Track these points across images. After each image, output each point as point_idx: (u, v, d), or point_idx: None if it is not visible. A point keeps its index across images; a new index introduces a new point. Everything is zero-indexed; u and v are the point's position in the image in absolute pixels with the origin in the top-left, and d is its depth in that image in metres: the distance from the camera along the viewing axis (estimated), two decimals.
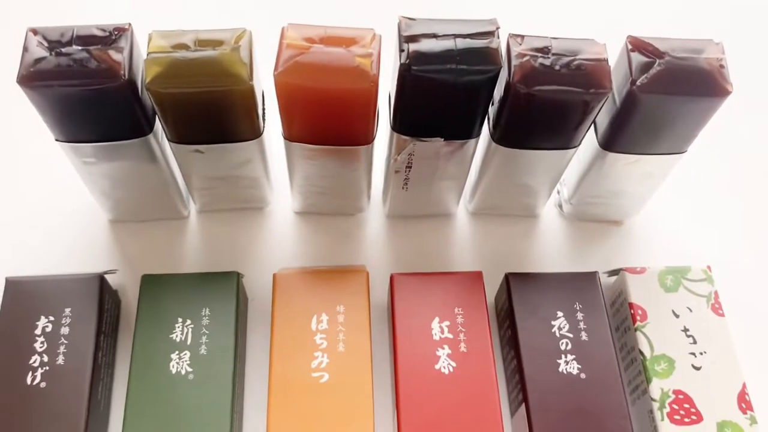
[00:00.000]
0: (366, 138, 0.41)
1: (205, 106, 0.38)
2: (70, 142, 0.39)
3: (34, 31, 0.36)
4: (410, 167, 0.43)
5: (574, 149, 0.42)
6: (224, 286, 0.42)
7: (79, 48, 0.36)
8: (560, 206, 0.50)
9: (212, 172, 0.44)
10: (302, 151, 0.42)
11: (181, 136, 0.40)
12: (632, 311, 0.43)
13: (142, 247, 0.47)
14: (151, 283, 0.42)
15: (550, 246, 0.49)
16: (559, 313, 0.42)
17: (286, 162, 0.44)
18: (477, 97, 0.38)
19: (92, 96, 0.36)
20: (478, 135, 0.41)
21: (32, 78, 0.35)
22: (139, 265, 0.47)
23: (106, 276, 0.43)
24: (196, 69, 0.36)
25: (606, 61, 0.38)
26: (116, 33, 0.36)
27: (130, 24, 0.37)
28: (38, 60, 0.35)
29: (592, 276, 0.44)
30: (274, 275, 0.42)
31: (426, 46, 0.37)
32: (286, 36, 0.37)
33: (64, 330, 0.40)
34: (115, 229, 0.48)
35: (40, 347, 0.39)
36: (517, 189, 0.47)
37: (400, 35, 0.38)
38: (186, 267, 0.47)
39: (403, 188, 0.46)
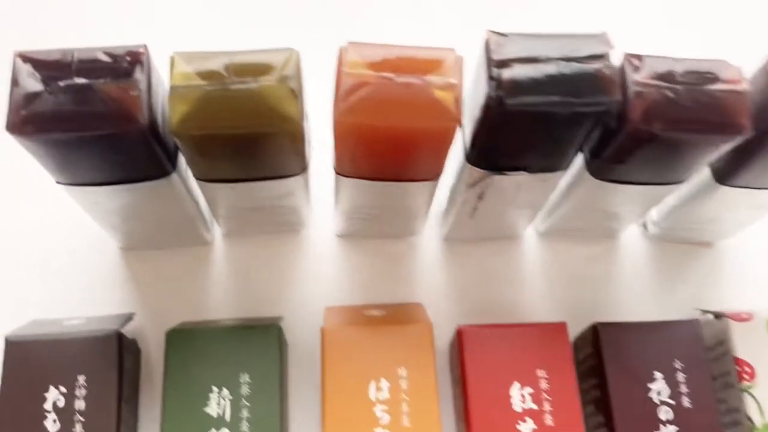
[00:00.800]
0: (435, 174, 0.34)
1: (244, 147, 0.30)
2: (75, 186, 0.32)
3: (24, 57, 0.28)
4: (482, 198, 0.36)
5: (683, 182, 0.35)
6: (264, 343, 0.36)
7: (84, 81, 0.28)
8: (645, 226, 0.43)
9: (245, 204, 0.36)
10: (357, 186, 0.34)
11: (210, 175, 0.33)
12: (738, 368, 0.37)
13: (160, 280, 0.41)
14: (178, 341, 0.36)
15: (633, 270, 0.42)
16: (657, 374, 0.36)
17: (332, 187, 0.37)
18: (580, 131, 0.31)
19: (103, 143, 0.28)
20: (569, 166, 0.34)
21: (26, 124, 0.27)
22: (158, 302, 0.40)
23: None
24: (235, 107, 0.28)
25: (744, 92, 0.30)
26: (129, 59, 0.28)
27: (145, 47, 0.29)
28: (31, 97, 0.28)
29: (692, 326, 0.37)
30: (323, 331, 0.36)
31: (523, 72, 0.29)
32: (345, 61, 0.29)
33: (79, 404, 0.34)
34: (127, 259, 0.41)
35: (53, 426, 0.33)
36: (603, 215, 0.40)
37: (488, 57, 0.30)
38: (213, 303, 0.40)
39: (470, 216, 0.39)
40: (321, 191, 0.39)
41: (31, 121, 0.27)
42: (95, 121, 0.28)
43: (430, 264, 0.42)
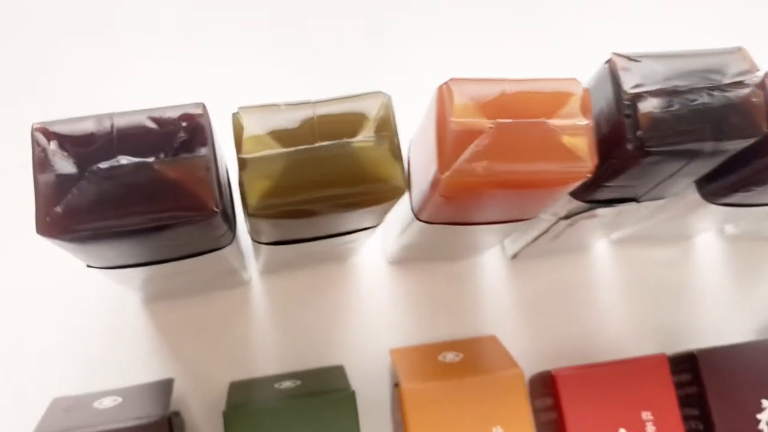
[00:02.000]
0: (537, 213, 0.29)
1: (330, 213, 0.25)
2: (112, 269, 0.26)
3: (46, 132, 0.22)
4: (573, 225, 0.32)
5: None
6: (340, 414, 0.31)
7: (133, 161, 0.21)
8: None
9: (303, 252, 0.31)
10: (438, 230, 0.29)
11: (278, 239, 0.27)
12: None
13: (194, 332, 0.35)
14: (238, 422, 0.30)
15: (713, 275, 0.39)
16: (766, 403, 0.33)
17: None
18: (714, 163, 0.27)
19: (158, 231, 0.22)
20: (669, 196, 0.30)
21: (63, 224, 0.21)
22: (195, 358, 0.35)
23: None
24: (325, 175, 0.23)
25: None
26: (186, 125, 0.22)
27: (203, 107, 0.22)
28: (65, 186, 0.21)
29: None
30: (401, 392, 0.31)
31: (662, 107, 0.24)
32: (451, 106, 0.23)
33: None
34: (152, 312, 0.35)
35: None
36: (686, 226, 0.36)
37: (617, 87, 0.25)
38: (258, 353, 0.35)
39: (551, 240, 0.34)
40: None
41: (69, 219, 0.21)
42: (152, 213, 0.21)
43: (495, 287, 0.37)
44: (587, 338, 0.37)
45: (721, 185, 0.29)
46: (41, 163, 0.21)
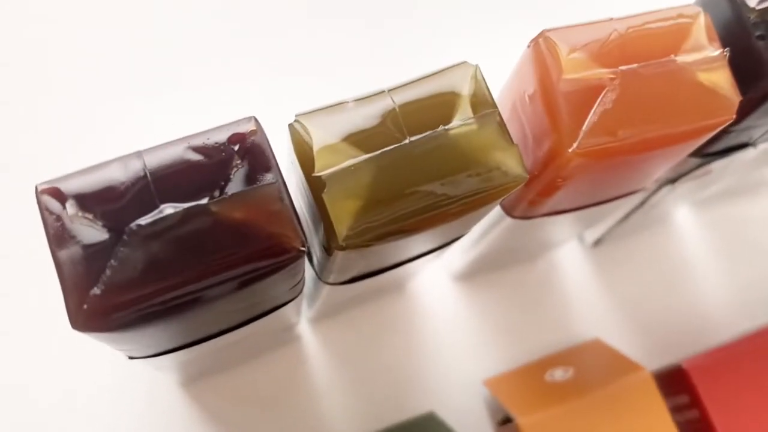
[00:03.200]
0: (654, 178, 0.24)
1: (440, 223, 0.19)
2: (162, 355, 0.20)
3: (55, 192, 0.16)
4: (675, 190, 0.27)
5: None
6: None
7: (181, 207, 0.16)
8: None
9: (370, 285, 0.25)
10: (536, 225, 0.24)
11: (355, 274, 0.22)
12: None
13: (249, 409, 0.29)
14: None
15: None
16: None
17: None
18: None
19: (234, 293, 0.17)
20: None
21: (106, 310, 0.15)
22: None
23: None
24: (430, 178, 0.17)
25: None
26: (238, 148, 0.17)
27: (255, 120, 0.17)
28: (96, 258, 0.15)
29: None
30: (519, 427, 0.26)
31: None
32: (558, 60, 0.18)
33: None
34: (193, 395, 0.29)
35: None
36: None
37: (737, 7, 0.20)
38: (329, 418, 0.29)
39: (644, 215, 0.29)
40: None
41: (113, 302, 0.15)
42: (223, 268, 0.16)
43: (581, 282, 0.32)
44: (696, 319, 0.32)
45: None
46: (59, 236, 0.16)
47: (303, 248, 0.16)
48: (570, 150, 0.18)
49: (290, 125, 0.18)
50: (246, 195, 0.16)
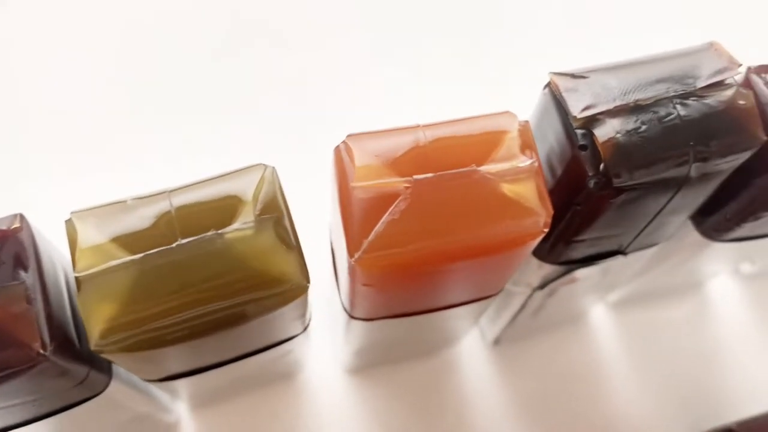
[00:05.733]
0: (497, 288, 0.23)
1: (211, 331, 0.19)
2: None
3: None
4: (553, 294, 0.26)
5: None
6: None
7: None
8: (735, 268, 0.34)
9: (226, 380, 0.25)
10: (382, 326, 0.23)
11: (163, 374, 0.21)
12: None
13: None
14: None
15: (737, 326, 0.32)
16: None
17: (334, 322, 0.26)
18: (707, 190, 0.21)
19: None
20: (673, 234, 0.24)
21: None
22: None
23: None
24: (196, 284, 0.17)
25: None
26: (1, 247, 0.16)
27: (21, 217, 0.17)
28: None
29: None
30: None
31: (625, 128, 0.19)
32: (352, 169, 0.18)
33: None
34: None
35: None
36: (692, 273, 0.30)
37: (562, 114, 0.19)
38: None
39: (532, 317, 0.28)
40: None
41: None
42: None
43: (481, 383, 0.31)
44: (601, 426, 0.30)
45: (722, 217, 0.23)
46: None
47: (45, 349, 0.16)
48: (352, 259, 0.18)
49: (66, 222, 0.17)
50: None
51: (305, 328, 0.22)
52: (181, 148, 0.34)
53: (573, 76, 0.20)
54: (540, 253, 0.23)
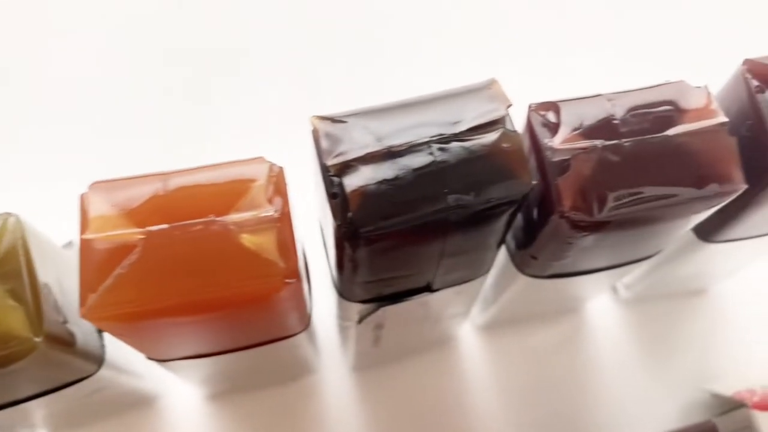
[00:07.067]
0: (300, 325, 0.22)
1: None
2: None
3: None
4: (382, 327, 0.25)
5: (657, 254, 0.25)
6: None
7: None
8: (614, 289, 0.33)
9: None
10: (193, 365, 0.23)
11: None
12: None
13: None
14: None
15: (614, 352, 0.32)
16: None
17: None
18: (489, 232, 0.20)
19: None
20: (489, 268, 0.23)
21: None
22: None
23: None
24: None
25: (722, 125, 0.20)
26: None
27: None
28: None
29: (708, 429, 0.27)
30: None
31: (377, 176, 0.18)
32: (87, 219, 0.18)
33: None
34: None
35: None
36: (556, 302, 0.29)
37: (321, 161, 0.19)
38: None
39: (373, 346, 0.28)
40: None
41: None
42: None
43: (338, 407, 0.31)
44: None
45: (532, 256, 0.23)
46: None
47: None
48: (82, 311, 0.17)
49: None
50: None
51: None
52: None
53: (332, 120, 0.19)
54: (342, 293, 0.22)
